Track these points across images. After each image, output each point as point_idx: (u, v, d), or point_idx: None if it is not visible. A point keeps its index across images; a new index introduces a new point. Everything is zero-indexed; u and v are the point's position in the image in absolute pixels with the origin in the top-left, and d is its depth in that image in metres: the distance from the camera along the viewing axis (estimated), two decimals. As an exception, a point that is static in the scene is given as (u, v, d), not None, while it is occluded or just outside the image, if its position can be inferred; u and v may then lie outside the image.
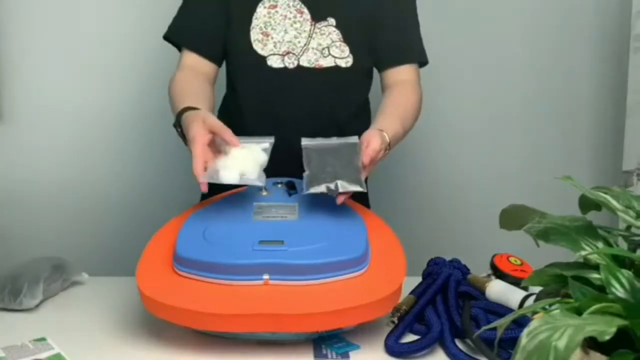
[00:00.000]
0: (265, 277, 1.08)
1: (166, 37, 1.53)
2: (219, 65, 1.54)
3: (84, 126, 2.12)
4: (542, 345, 0.60)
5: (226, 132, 1.22)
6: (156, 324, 1.15)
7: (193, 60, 1.50)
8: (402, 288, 1.13)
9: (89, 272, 1.42)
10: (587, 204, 0.86)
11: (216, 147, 1.23)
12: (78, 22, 2.08)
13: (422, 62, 1.56)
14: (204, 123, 1.23)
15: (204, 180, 1.18)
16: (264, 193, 1.30)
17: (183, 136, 1.30)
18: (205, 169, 1.18)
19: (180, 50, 1.53)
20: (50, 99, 2.11)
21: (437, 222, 2.21)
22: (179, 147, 1.37)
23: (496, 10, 2.14)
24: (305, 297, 1.06)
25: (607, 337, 0.59)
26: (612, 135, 2.17)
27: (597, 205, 0.83)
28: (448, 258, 1.31)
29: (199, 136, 1.20)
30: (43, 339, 1.13)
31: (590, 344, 0.68)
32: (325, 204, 1.29)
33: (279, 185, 1.34)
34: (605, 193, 0.80)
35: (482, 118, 2.19)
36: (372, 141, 1.26)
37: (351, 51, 1.48)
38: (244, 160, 1.20)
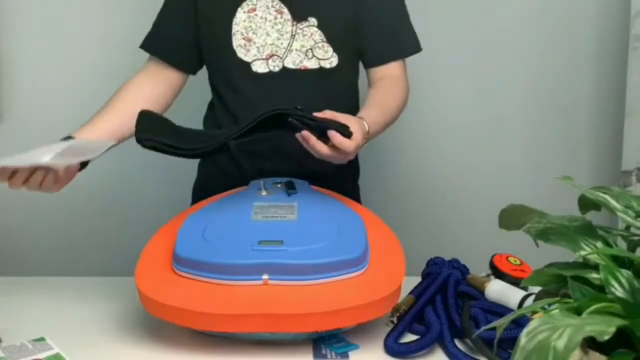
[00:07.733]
0: (265, 277, 1.08)
1: (141, 46, 1.54)
2: (188, 73, 1.54)
3: (84, 126, 2.11)
4: (541, 345, 0.60)
5: None
6: (155, 324, 1.15)
7: (156, 67, 1.52)
8: (401, 288, 1.13)
9: (88, 272, 1.41)
10: (586, 204, 0.86)
11: None
12: (78, 22, 2.08)
13: (411, 52, 1.53)
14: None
15: None
16: (264, 193, 1.30)
17: None
18: None
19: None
20: (50, 99, 2.11)
21: (437, 222, 2.21)
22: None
23: (496, 9, 2.14)
24: (305, 297, 1.06)
25: (607, 337, 0.59)
26: (611, 135, 2.16)
27: (596, 205, 0.83)
28: (447, 258, 1.31)
29: None
30: (42, 339, 1.13)
31: (590, 344, 0.68)
32: (325, 204, 1.29)
33: (279, 185, 1.34)
34: (605, 193, 0.80)
35: (482, 117, 2.19)
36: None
37: (335, 51, 1.46)
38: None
